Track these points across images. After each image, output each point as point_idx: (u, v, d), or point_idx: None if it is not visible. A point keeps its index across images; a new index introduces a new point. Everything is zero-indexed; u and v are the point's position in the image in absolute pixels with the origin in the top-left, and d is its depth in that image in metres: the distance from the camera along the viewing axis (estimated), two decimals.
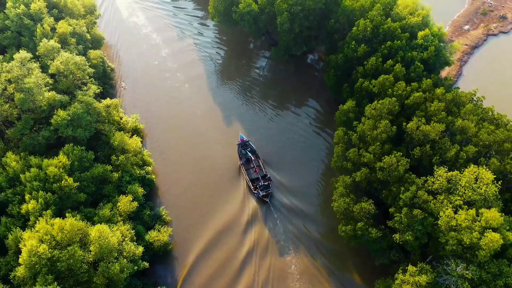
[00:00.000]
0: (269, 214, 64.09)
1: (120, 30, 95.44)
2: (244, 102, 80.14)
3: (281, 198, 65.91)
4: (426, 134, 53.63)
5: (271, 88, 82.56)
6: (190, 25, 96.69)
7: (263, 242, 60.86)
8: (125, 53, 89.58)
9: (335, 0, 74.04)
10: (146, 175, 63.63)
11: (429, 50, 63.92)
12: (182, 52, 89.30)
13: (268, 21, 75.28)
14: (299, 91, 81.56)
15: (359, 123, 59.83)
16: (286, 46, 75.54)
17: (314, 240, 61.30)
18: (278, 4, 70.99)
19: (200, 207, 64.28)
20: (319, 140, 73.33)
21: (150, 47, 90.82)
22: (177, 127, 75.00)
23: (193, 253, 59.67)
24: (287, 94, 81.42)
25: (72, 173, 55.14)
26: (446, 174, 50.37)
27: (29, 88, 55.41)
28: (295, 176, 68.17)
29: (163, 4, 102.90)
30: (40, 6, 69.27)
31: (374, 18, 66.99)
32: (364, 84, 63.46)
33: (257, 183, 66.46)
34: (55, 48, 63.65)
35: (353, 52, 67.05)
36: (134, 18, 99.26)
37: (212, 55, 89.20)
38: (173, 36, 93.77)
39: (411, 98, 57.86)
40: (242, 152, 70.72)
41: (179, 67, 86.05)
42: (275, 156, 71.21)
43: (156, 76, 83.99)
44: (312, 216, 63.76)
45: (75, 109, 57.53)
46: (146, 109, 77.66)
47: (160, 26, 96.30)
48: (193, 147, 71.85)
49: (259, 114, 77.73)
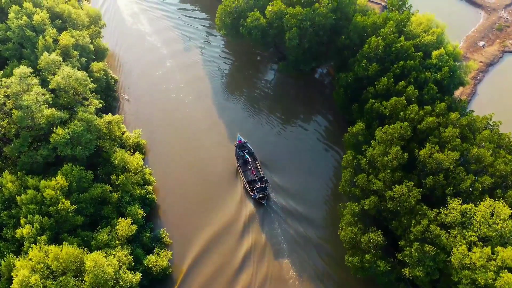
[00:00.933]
0: (267, 216, 63.40)
1: (124, 38, 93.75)
2: (251, 115, 78.10)
3: (284, 205, 64.96)
4: (439, 162, 51.10)
5: (279, 102, 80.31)
6: (196, 34, 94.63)
7: (260, 245, 60.29)
8: (129, 62, 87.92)
9: (346, 16, 71.56)
10: (147, 195, 61.60)
11: (444, 71, 61.28)
12: (187, 63, 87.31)
13: (276, 36, 72.95)
14: (307, 105, 79.27)
15: (369, 147, 57.43)
16: (295, 62, 73.22)
17: (313, 244, 60.47)
18: (287, 19, 68.68)
19: (198, 212, 63.61)
20: (327, 158, 71.00)
21: (155, 57, 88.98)
22: (181, 140, 73.19)
23: (190, 256, 59.09)
24: (294, 108, 79.12)
25: (70, 194, 53.34)
26: (460, 207, 47.90)
27: (28, 106, 53.59)
28: (302, 190, 66.53)
29: (170, 12, 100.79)
30: (43, 17, 67.55)
31: (386, 36, 64.43)
32: (374, 105, 60.99)
33: (254, 185, 65.73)
34: (56, 62, 61.86)
35: (363, 71, 64.58)
36: (139, 25, 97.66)
37: (218, 66, 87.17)
38: (178, 45, 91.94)
39: (424, 123, 55.31)
40: (240, 153, 70.11)
41: (183, 78, 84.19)
42: (281, 169, 69.44)
43: (160, 87, 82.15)
44: (315, 222, 62.89)
45: (75, 127, 55.67)
46: (149, 121, 75.89)
47: (165, 34, 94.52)
48: (195, 158, 70.31)
49: (266, 127, 75.79)
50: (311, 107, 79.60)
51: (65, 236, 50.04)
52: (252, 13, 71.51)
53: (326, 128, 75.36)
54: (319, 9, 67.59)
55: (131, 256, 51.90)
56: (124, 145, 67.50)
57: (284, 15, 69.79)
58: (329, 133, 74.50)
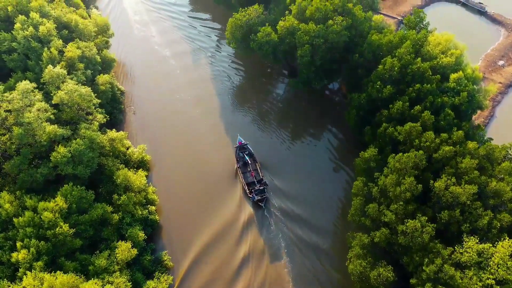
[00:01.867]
0: (265, 219, 63.15)
1: (132, 45, 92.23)
2: (260, 129, 76.01)
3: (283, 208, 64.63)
4: (455, 196, 48.45)
5: (289, 116, 78.12)
6: (205, 42, 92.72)
7: (258, 248, 60.05)
8: (135, 71, 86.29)
9: (361, 33, 68.98)
10: (149, 215, 59.72)
11: (462, 96, 58.45)
12: (195, 72, 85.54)
13: (287, 51, 70.69)
14: (317, 121, 76.91)
15: (381, 175, 54.91)
16: (306, 79, 70.87)
17: (312, 248, 60.09)
18: (299, 35, 66.32)
19: (196, 214, 63.59)
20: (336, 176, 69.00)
21: (163, 65, 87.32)
22: (185, 153, 71.45)
23: (188, 258, 58.95)
24: (304, 123, 76.83)
25: (69, 216, 51.62)
26: (477, 246, 45.25)
27: (29, 123, 52.00)
28: (301, 193, 66.10)
29: (179, 20, 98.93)
30: (50, 28, 66.07)
31: (402, 56, 61.79)
32: (388, 129, 58.41)
33: (253, 187, 65.67)
34: (60, 75, 60.30)
35: (377, 92, 62.00)
36: (147, 32, 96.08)
37: (228, 76, 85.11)
38: (187, 54, 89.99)
39: (440, 152, 52.62)
40: (240, 155, 69.89)
41: (191, 88, 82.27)
42: (285, 178, 68.25)
43: (166, 98, 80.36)
44: (315, 226, 62.25)
45: (76, 146, 53.97)
46: (154, 133, 74.15)
47: (173, 42, 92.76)
48: (199, 171, 69.01)
49: (275, 141, 73.68)
50: (321, 123, 77.21)
51: (62, 261, 48.34)
52: (263, 28, 69.33)
53: (336, 146, 72.90)
54: (333, 27, 65.13)
55: (129, 283, 49.95)
56: (128, 161, 65.78)
57: (296, 31, 67.45)
58: (339, 151, 72.06)
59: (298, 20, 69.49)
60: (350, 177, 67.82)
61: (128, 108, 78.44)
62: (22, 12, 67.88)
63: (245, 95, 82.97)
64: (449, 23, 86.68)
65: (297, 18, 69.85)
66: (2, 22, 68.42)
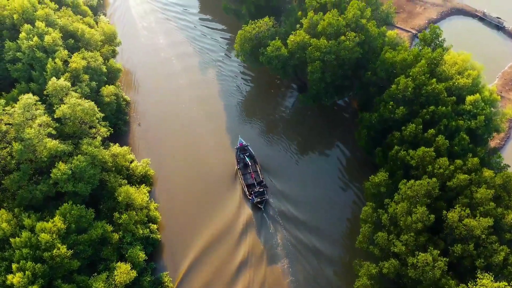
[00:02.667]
0: (264, 221, 63.23)
1: (139, 53, 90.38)
2: (267, 141, 74.27)
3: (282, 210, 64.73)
4: (470, 229, 46.14)
5: (297, 129, 75.85)
6: (215, 49, 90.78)
7: (257, 250, 60.13)
8: (141, 79, 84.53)
9: (374, 49, 66.74)
10: (151, 234, 58.10)
11: (479, 120, 55.97)
12: (203, 83, 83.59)
13: (297, 66, 68.65)
14: (326, 135, 74.78)
15: (391, 201, 52.74)
16: (316, 95, 68.76)
17: (312, 251, 59.97)
18: (310, 51, 64.26)
19: (196, 215, 63.85)
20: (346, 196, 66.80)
21: (169, 73, 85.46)
22: (191, 167, 69.91)
23: (187, 259, 59.18)
24: (313, 137, 74.68)
25: (68, 235, 50.15)
26: (492, 284, 42.93)
27: (29, 139, 50.63)
28: (303, 196, 66.03)
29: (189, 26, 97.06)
30: (55, 37, 64.77)
31: (416, 76, 59.46)
32: (400, 153, 56.12)
33: (253, 189, 65.73)
34: (64, 87, 58.90)
35: (390, 113, 59.71)
36: (154, 38, 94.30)
37: (237, 85, 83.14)
38: (195, 61, 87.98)
39: (455, 180, 50.33)
40: (241, 156, 69.83)
41: (198, 98, 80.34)
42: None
43: (174, 108, 78.63)
44: (315, 228, 62.16)
45: (77, 162, 52.50)
46: (158, 145, 72.66)
47: (181, 49, 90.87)
48: (202, 181, 68.40)
49: (282, 153, 71.95)
50: (330, 138, 75.01)
51: (59, 283, 46.83)
52: (273, 42, 67.35)
53: (345, 163, 70.79)
54: (345, 43, 62.96)
55: None
56: (131, 176, 64.24)
57: (307, 47, 65.40)
58: (348, 168, 69.98)
59: (309, 34, 67.41)
60: (358, 196, 65.88)
61: (133, 118, 76.89)
62: (28, 20, 66.66)
63: (253, 105, 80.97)
64: (466, 38, 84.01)
65: (308, 32, 67.78)
66: (7, 30, 67.30)
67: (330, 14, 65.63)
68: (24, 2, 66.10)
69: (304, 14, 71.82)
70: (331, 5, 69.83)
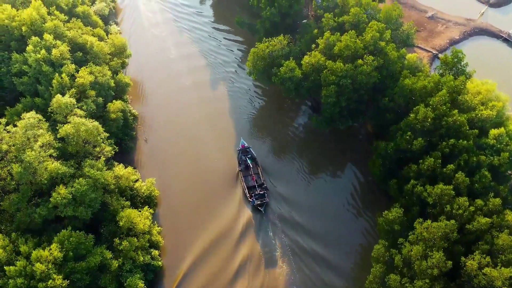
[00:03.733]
0: (263, 224, 63.04)
1: (149, 63, 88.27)
2: (277, 159, 71.91)
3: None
4: (490, 279, 42.98)
5: (307, 148, 73.27)
6: (227, 61, 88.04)
7: (256, 254, 59.87)
8: (150, 90, 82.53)
9: (392, 73, 63.69)
10: (152, 261, 55.94)
11: (502, 156, 52.68)
12: (213, 97, 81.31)
13: (311, 88, 65.86)
14: (338, 157, 72.10)
15: (406, 241, 49.73)
16: (329, 118, 65.89)
17: (311, 255, 59.61)
18: (325, 74, 61.51)
19: (196, 216, 63.76)
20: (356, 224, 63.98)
21: (178, 84, 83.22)
22: (194, 175, 69.08)
23: (187, 261, 58.94)
24: (324, 159, 72.03)
25: (65, 263, 48.20)
26: None
27: (29, 162, 48.84)
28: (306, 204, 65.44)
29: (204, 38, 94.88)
30: (63, 50, 63.00)
31: (437, 106, 56.32)
32: (416, 188, 53.12)
33: (253, 191, 65.55)
34: (69, 105, 57.07)
35: (407, 143, 56.69)
36: (164, 47, 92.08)
37: (250, 100, 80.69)
38: (206, 74, 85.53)
39: (475, 223, 47.16)
40: (242, 158, 69.80)
41: (208, 113, 77.99)
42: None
43: (182, 123, 76.44)
44: (315, 234, 61.99)
45: (78, 186, 50.56)
46: (164, 161, 70.78)
47: (192, 63, 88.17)
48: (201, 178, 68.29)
49: (293, 174, 69.51)
50: (342, 161, 72.28)
51: None
52: (286, 62, 64.68)
53: (357, 188, 67.87)
54: (362, 67, 60.05)
55: None
56: (135, 196, 62.23)
57: (322, 69, 62.67)
58: (359, 194, 67.04)
59: (325, 55, 64.65)
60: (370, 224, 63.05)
61: (140, 132, 74.85)
62: (36, 32, 65.00)
63: (265, 121, 78.35)
64: (489, 60, 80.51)
65: (324, 53, 65.01)
66: (15, 41, 65.75)
67: (347, 36, 62.75)
68: (33, 14, 64.49)
69: (321, 33, 69.14)
70: (349, 25, 66.98)
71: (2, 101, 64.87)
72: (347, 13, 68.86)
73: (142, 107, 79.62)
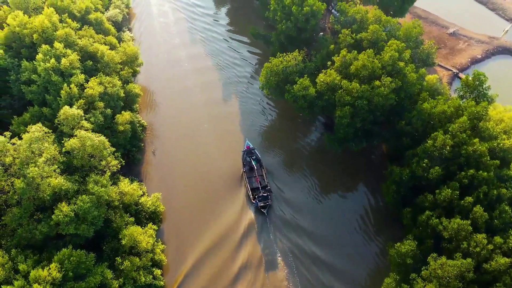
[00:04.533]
0: (265, 227, 62.82)
1: (160, 71, 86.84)
2: (289, 175, 69.93)
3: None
4: None
5: (319, 167, 70.99)
6: (240, 77, 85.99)
7: (256, 256, 59.73)
8: (160, 99, 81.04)
9: (410, 95, 61.23)
10: (154, 280, 54.43)
11: None
12: (224, 112, 79.52)
13: (324, 107, 63.69)
14: (351, 177, 69.87)
15: (418, 276, 47.36)
16: (343, 139, 63.64)
17: (312, 259, 59.51)
18: (340, 94, 59.33)
19: (199, 216, 63.89)
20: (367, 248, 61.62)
21: (192, 103, 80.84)
22: (201, 192, 67.20)
23: (187, 263, 58.85)
24: (335, 178, 69.80)
25: (64, 283, 46.87)
26: None
27: (32, 177, 47.68)
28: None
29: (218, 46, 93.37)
30: (73, 59, 61.88)
31: (456, 133, 53.75)
32: (432, 220, 50.67)
33: (257, 193, 65.43)
34: (76, 117, 55.89)
35: (423, 171, 54.26)
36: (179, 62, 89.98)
37: (263, 111, 78.94)
38: (217, 83, 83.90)
39: (493, 263, 44.59)
40: (247, 159, 69.88)
41: (217, 128, 76.16)
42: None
43: (191, 137, 74.59)
44: (317, 238, 61.97)
45: (81, 203, 49.23)
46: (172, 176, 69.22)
47: (206, 78, 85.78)
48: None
49: (306, 191, 67.55)
50: (355, 181, 70.02)
51: None
52: (300, 80, 62.56)
53: (368, 211, 65.51)
54: (380, 89, 57.68)
55: None
56: (140, 211, 60.81)
57: (337, 88, 60.48)
58: (373, 216, 64.74)
59: (340, 74, 62.45)
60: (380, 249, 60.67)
61: (148, 143, 73.46)
62: (47, 40, 64.05)
63: (276, 134, 76.43)
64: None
65: (339, 71, 62.81)
66: (26, 48, 64.91)
67: (365, 55, 60.44)
68: (44, 22, 63.52)
69: (337, 49, 66.99)
70: (367, 43, 64.65)
71: (10, 109, 64.17)
72: (366, 29, 66.55)
73: (151, 117, 78.25)
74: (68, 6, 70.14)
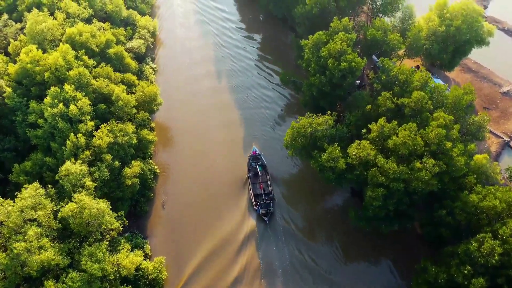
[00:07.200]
0: (266, 234, 62.53)
1: (180, 110, 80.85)
2: (310, 237, 63.66)
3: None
4: None
5: (341, 235, 63.66)
6: (263, 119, 79.44)
7: (254, 265, 59.50)
8: (178, 142, 75.53)
9: (454, 178, 53.32)
10: None
11: None
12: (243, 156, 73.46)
13: (353, 181, 56.57)
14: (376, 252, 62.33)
15: None
16: (371, 218, 56.33)
17: (309, 269, 59.00)
18: (373, 173, 52.07)
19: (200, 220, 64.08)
20: None
21: (210, 141, 75.43)
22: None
23: (189, 265, 59.21)
24: (359, 251, 62.41)
25: None
26: None
27: (17, 254, 42.81)
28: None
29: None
30: (83, 104, 57.05)
31: (507, 238, 45.69)
32: None
33: (260, 199, 64.75)
34: (78, 174, 50.92)
35: (463, 279, 46.43)
36: (199, 98, 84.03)
37: (281, 162, 72.09)
38: (239, 130, 77.51)
39: None
40: (252, 165, 69.25)
41: (234, 178, 69.83)
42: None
43: (206, 186, 68.74)
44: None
45: (70, 283, 44.13)
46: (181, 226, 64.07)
47: (227, 117, 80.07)
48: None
49: (328, 256, 61.79)
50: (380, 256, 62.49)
51: None
52: (330, 149, 55.58)
53: None
54: (421, 173, 50.07)
55: None
56: (139, 278, 55.31)
57: (370, 164, 53.26)
58: None
59: (376, 146, 55.19)
60: None
61: (158, 193, 67.79)
62: (59, 79, 59.47)
63: (297, 195, 69.07)
64: None
65: (375, 142, 55.55)
66: (37, 85, 60.57)
67: (406, 130, 52.90)
68: (58, 60, 58.95)
69: (374, 110, 59.87)
70: (409, 110, 56.93)
71: (14, 151, 59.96)
72: (409, 93, 58.95)
73: (167, 156, 73.00)
74: (87, 41, 65.33)
